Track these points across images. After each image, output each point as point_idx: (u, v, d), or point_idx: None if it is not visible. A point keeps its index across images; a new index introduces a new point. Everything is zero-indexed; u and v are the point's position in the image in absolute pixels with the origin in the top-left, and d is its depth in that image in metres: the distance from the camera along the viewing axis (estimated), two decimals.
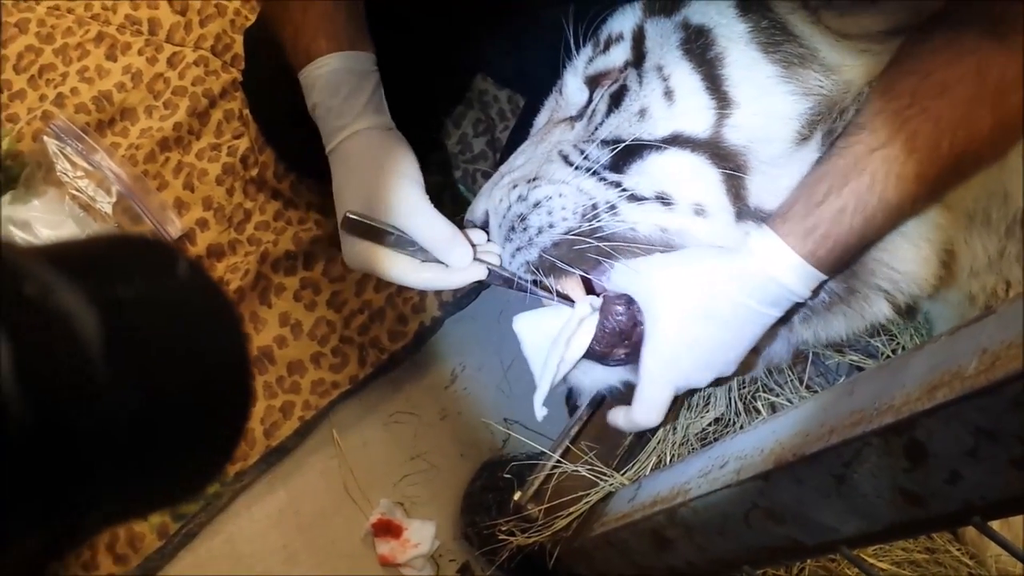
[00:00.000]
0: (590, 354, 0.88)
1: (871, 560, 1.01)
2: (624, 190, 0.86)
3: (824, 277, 0.80)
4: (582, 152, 0.89)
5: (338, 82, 0.96)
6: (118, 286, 0.36)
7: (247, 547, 1.30)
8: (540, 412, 0.90)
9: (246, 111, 1.41)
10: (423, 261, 0.91)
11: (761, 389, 1.11)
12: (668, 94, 0.85)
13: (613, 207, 0.86)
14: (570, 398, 0.95)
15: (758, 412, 1.10)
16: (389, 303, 1.43)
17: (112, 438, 0.34)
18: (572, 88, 0.96)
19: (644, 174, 0.85)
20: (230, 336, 0.41)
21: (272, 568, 1.29)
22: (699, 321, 0.81)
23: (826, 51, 0.81)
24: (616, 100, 0.89)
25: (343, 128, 0.95)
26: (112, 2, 1.46)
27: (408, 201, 0.90)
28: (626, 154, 0.86)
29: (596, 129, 0.89)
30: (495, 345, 1.44)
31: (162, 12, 1.46)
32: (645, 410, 0.86)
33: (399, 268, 0.91)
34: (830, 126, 0.81)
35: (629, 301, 0.86)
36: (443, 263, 0.90)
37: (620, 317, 0.86)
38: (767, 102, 0.82)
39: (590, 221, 0.87)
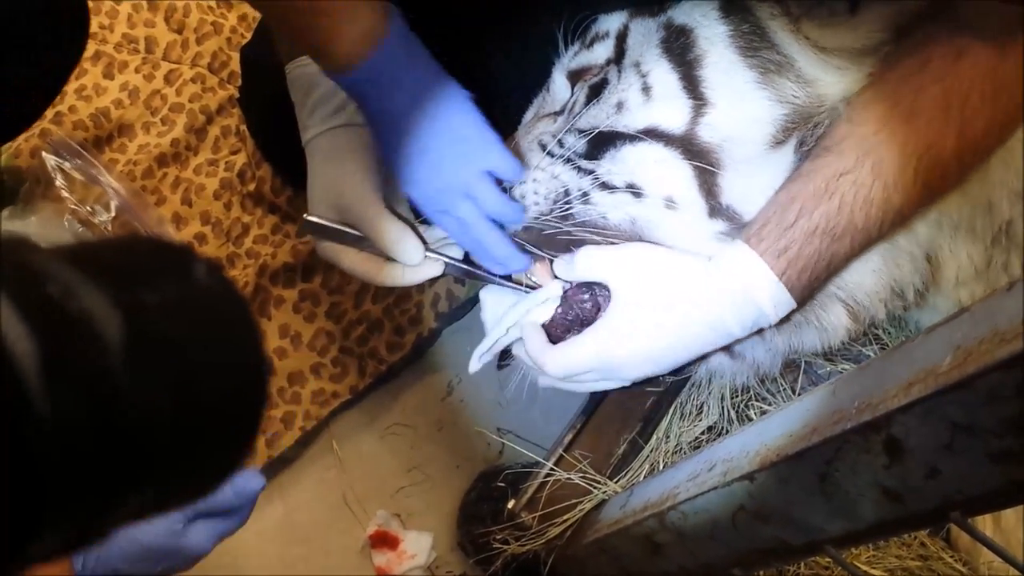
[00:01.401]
0: (545, 332, 0.89)
1: (864, 568, 1.01)
2: (597, 178, 0.88)
3: (794, 303, 0.81)
4: (559, 141, 0.91)
5: (312, 82, 0.98)
6: (140, 288, 0.36)
7: (244, 559, 1.30)
8: (474, 366, 0.94)
9: (243, 127, 1.42)
10: (386, 260, 0.94)
11: (754, 398, 1.12)
12: (646, 90, 0.87)
13: (585, 194, 0.88)
14: (502, 358, 0.97)
15: (750, 420, 1.11)
16: (387, 314, 1.44)
17: (136, 438, 0.34)
18: (558, 84, 0.98)
19: (617, 163, 0.87)
20: (248, 335, 0.42)
21: None
22: (662, 312, 0.82)
23: (803, 62, 0.83)
24: (595, 92, 0.91)
25: (311, 127, 0.97)
26: (109, 21, 1.47)
27: (362, 201, 0.92)
28: (601, 143, 0.88)
29: (575, 119, 0.91)
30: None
31: (159, 31, 1.48)
32: (557, 359, 0.85)
33: (362, 266, 0.95)
34: (803, 135, 0.82)
35: (595, 292, 0.87)
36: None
37: (585, 304, 0.88)
38: (742, 105, 0.83)
39: (562, 207, 0.89)
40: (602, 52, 0.93)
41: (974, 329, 0.47)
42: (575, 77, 0.96)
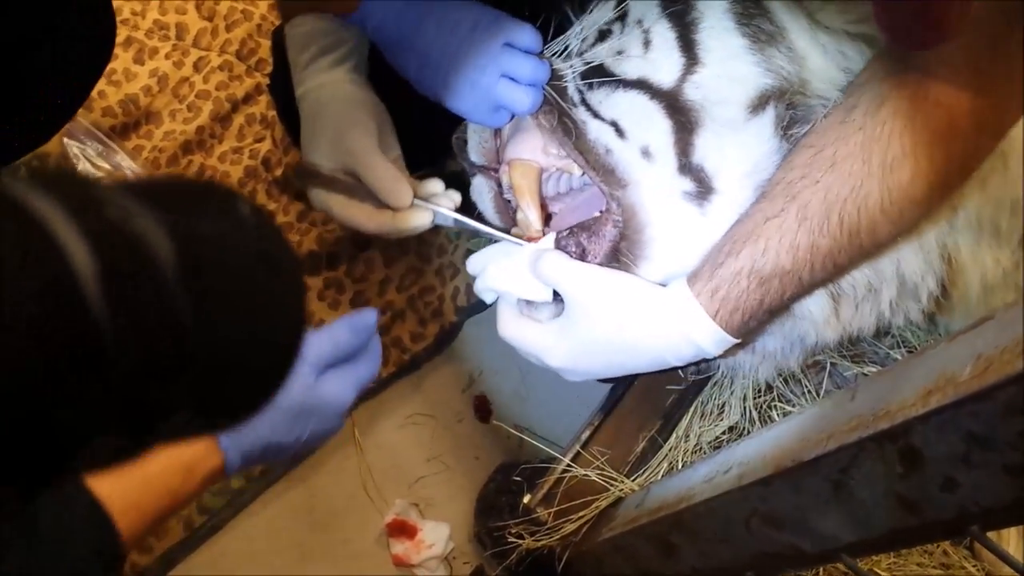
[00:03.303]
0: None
1: (884, 575, 0.99)
2: (587, 103, 0.93)
3: (732, 339, 0.83)
4: (566, 55, 0.97)
5: (308, 40, 1.03)
6: (191, 220, 0.38)
7: (263, 543, 1.31)
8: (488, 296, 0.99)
9: (270, 113, 1.43)
10: (376, 208, 0.98)
11: (777, 399, 1.11)
12: (646, 44, 0.92)
13: (574, 104, 0.94)
14: None
15: (773, 421, 1.10)
16: (410, 305, 1.44)
17: (184, 352, 0.37)
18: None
19: (607, 101, 0.92)
20: (290, 267, 0.45)
21: (287, 565, 1.30)
22: (604, 336, 0.86)
23: (796, 35, 0.87)
24: (602, 37, 0.96)
25: (306, 80, 1.02)
26: (141, 7, 1.48)
27: (359, 146, 0.98)
28: (597, 75, 0.93)
29: (580, 52, 0.96)
30: (514, 350, 1.44)
31: (189, 17, 1.49)
32: (509, 327, 0.94)
33: (352, 213, 0.99)
34: (779, 112, 0.86)
35: (582, 239, 0.91)
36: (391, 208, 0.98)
37: (573, 250, 0.92)
38: (730, 65, 0.88)
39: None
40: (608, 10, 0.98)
41: (996, 338, 0.45)
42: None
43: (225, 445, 0.80)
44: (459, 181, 1.07)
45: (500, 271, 0.94)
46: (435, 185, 1.01)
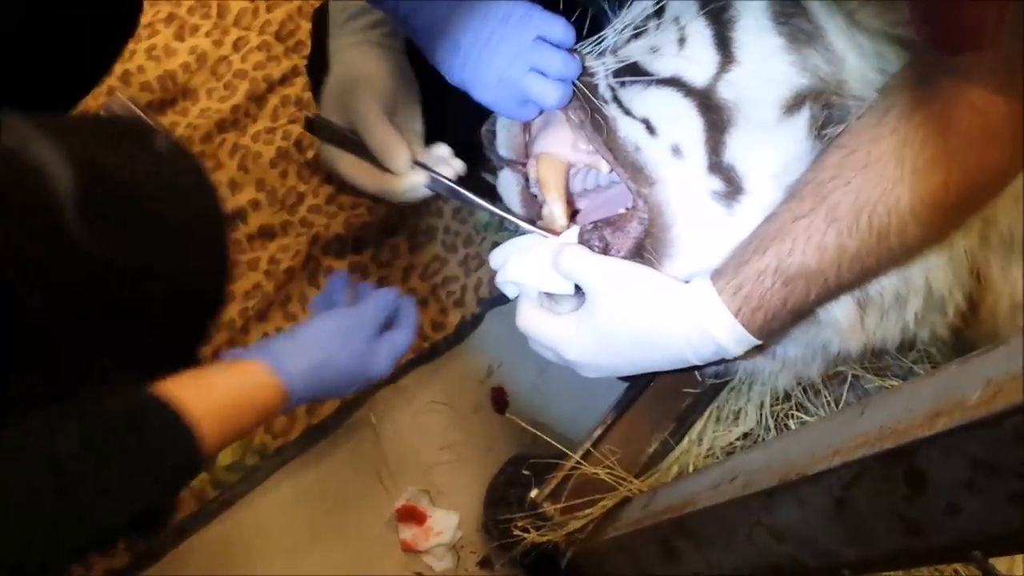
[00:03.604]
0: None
1: None
2: (619, 100, 0.92)
3: (754, 340, 0.82)
4: (601, 53, 0.97)
5: (349, 5, 1.10)
6: (97, 150, 0.38)
7: (274, 521, 1.32)
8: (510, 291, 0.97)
9: (305, 95, 1.44)
10: (380, 171, 1.01)
11: (795, 408, 1.09)
12: (681, 41, 0.91)
13: (605, 101, 0.93)
14: None
15: (789, 430, 1.08)
16: (432, 293, 1.45)
17: (87, 291, 0.35)
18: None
19: (638, 99, 0.91)
20: (206, 203, 0.44)
21: (296, 544, 1.31)
22: (623, 333, 0.85)
23: (834, 35, 0.85)
24: (637, 34, 0.95)
25: (340, 38, 1.08)
26: None
27: (367, 107, 1.01)
28: (630, 73, 0.92)
29: (615, 49, 0.95)
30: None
31: None
32: (527, 318, 0.92)
33: (354, 170, 1.03)
34: (815, 113, 0.84)
35: (607, 233, 0.90)
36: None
37: (596, 245, 0.90)
38: (766, 65, 0.86)
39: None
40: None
41: (1008, 364, 0.44)
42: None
43: (288, 380, 0.86)
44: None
45: (521, 263, 0.94)
46: (441, 149, 1.05)
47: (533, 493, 1.01)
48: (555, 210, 0.98)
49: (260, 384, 0.83)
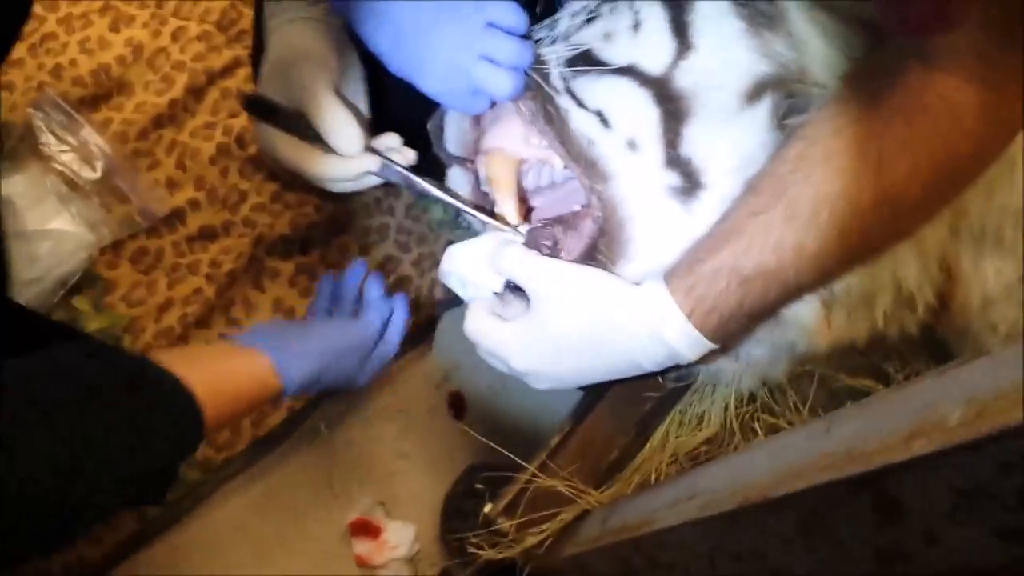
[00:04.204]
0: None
1: None
2: (571, 91, 0.87)
3: (709, 344, 0.77)
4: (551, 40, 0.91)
5: None
6: None
7: (220, 539, 1.26)
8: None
9: (248, 86, 1.36)
10: (323, 152, 0.96)
11: (760, 409, 1.05)
12: (636, 26, 0.86)
13: (558, 92, 0.88)
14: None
15: (755, 434, 1.03)
16: None
17: None
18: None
19: (592, 89, 0.86)
20: None
21: (243, 562, 1.25)
22: (570, 339, 0.80)
23: (797, 18, 0.80)
24: (590, 20, 0.89)
25: (278, 15, 1.02)
26: None
27: (313, 82, 0.95)
28: (583, 62, 0.87)
29: (568, 35, 0.90)
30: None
31: None
32: (476, 325, 0.86)
33: (297, 154, 0.97)
34: (777, 103, 0.80)
35: (558, 232, 0.86)
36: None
37: (546, 245, 0.86)
38: (725, 51, 0.82)
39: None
40: None
41: (993, 379, 0.39)
42: None
43: (287, 384, 0.91)
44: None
45: (463, 253, 0.89)
46: (390, 139, 0.99)
47: (487, 508, 0.95)
48: (506, 210, 0.93)
49: (262, 382, 0.88)
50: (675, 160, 0.83)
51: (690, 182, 0.83)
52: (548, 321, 0.80)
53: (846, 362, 1.06)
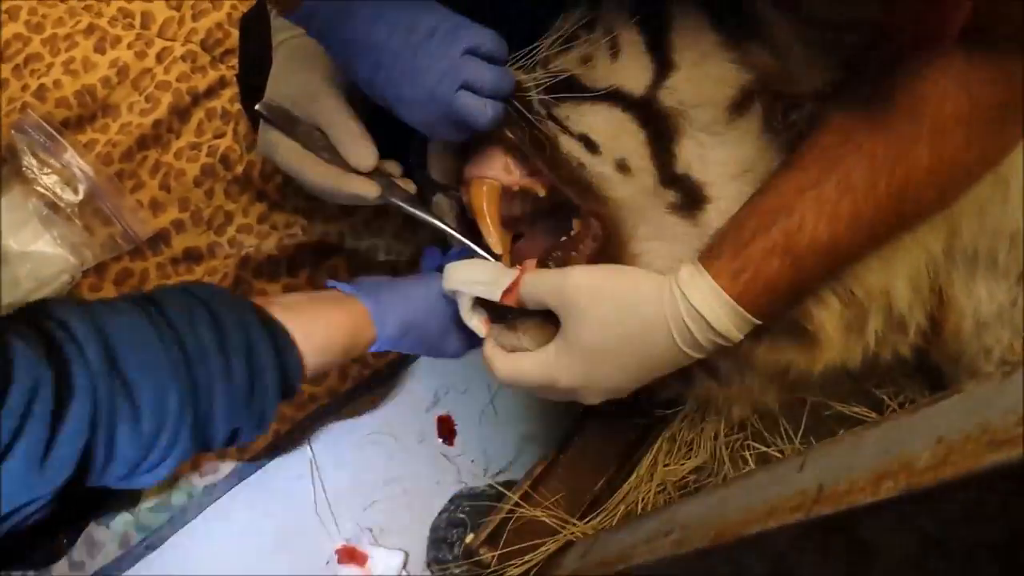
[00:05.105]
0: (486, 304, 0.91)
1: None
2: (554, 117, 0.87)
3: (756, 321, 0.75)
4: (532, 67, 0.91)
5: None
6: None
7: (203, 565, 1.24)
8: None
9: (233, 107, 1.35)
10: (328, 162, 0.96)
11: (750, 437, 1.02)
12: (614, 50, 0.86)
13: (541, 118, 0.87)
14: None
15: (745, 463, 1.01)
16: None
17: None
18: None
19: (574, 115, 0.86)
20: None
21: None
22: (611, 347, 0.78)
23: (776, 26, 0.79)
24: (569, 46, 0.89)
25: (284, 30, 1.01)
26: None
27: (326, 94, 0.96)
28: (564, 87, 0.87)
29: (546, 63, 0.90)
30: (482, 369, 1.36)
31: (156, 6, 1.40)
32: (505, 365, 0.85)
33: (301, 163, 0.97)
34: (768, 105, 0.79)
35: (558, 255, 0.87)
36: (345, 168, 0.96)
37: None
38: (706, 67, 0.81)
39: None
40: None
41: (962, 419, 0.37)
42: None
43: (381, 332, 0.96)
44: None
45: (469, 269, 0.91)
46: (393, 167, 1.00)
47: (468, 538, 0.93)
48: (489, 241, 0.91)
49: (359, 330, 0.93)
50: (672, 179, 0.82)
51: (691, 197, 0.82)
52: (581, 327, 0.79)
53: (839, 389, 1.04)
